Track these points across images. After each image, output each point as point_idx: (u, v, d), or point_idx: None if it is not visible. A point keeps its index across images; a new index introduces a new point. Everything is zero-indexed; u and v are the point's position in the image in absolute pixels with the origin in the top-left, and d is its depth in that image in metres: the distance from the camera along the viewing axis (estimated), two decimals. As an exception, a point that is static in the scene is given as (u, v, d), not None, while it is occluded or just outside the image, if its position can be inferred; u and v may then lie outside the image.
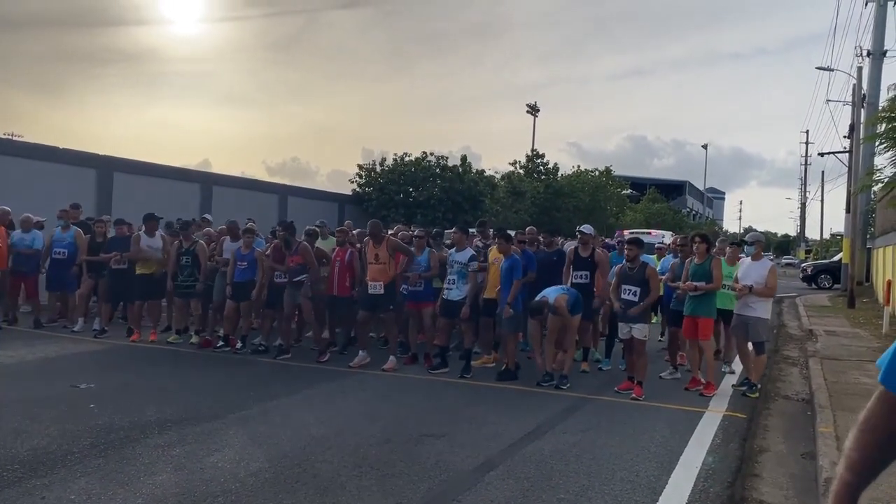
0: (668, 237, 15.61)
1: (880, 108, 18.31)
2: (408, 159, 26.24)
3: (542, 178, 34.49)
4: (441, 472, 4.51)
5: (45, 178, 13.86)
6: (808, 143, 58.60)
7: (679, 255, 8.43)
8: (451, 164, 26.35)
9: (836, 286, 27.25)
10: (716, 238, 10.32)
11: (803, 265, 36.76)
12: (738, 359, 8.44)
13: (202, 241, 9.54)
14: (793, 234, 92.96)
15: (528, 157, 36.36)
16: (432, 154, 26.49)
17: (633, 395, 6.93)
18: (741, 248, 8.96)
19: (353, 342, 9.24)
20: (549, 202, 32.12)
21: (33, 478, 4.16)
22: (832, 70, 31.94)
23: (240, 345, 9.02)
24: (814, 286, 28.92)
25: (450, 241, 9.52)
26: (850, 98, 26.15)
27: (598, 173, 38.80)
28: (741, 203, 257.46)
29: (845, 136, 28.95)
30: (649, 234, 17.08)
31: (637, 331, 7.13)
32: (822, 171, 78.18)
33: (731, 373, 8.39)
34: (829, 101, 54.61)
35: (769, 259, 7.86)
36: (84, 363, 8.05)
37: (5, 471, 4.26)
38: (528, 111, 43.14)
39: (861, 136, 20.07)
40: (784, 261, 64.22)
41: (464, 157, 26.94)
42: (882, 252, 21.63)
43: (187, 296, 9.43)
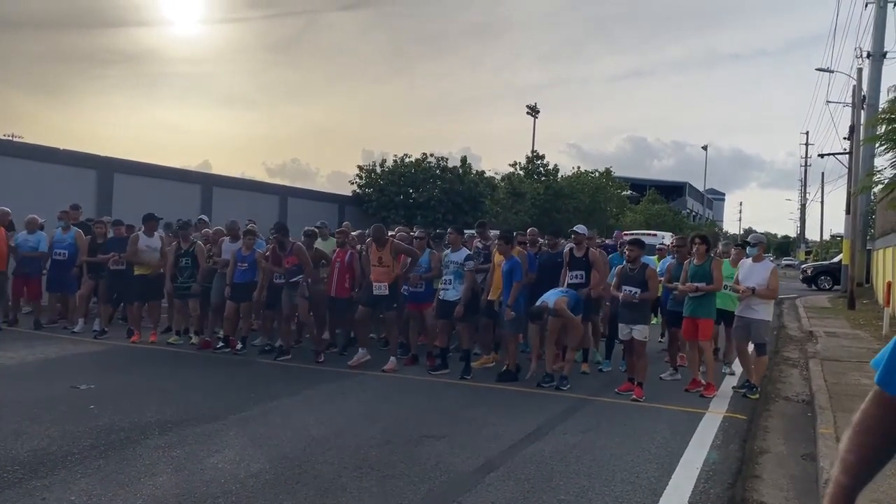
0: (668, 238, 15.62)
1: (880, 109, 18.34)
2: (408, 160, 26.24)
3: (542, 179, 34.41)
4: (441, 474, 4.51)
5: (45, 180, 13.87)
6: (808, 144, 58.70)
7: (676, 256, 8.45)
8: (451, 165, 26.36)
9: (836, 287, 27.28)
10: (715, 239, 10.32)
11: (803, 266, 36.80)
12: (738, 360, 8.45)
13: (200, 243, 9.55)
14: (793, 235, 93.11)
15: (528, 158, 36.31)
16: (432, 155, 26.52)
17: (634, 397, 6.93)
18: (745, 250, 8.97)
19: (352, 343, 9.25)
20: (549, 203, 32.07)
21: (34, 479, 4.16)
22: (832, 71, 32.03)
23: (240, 346, 9.02)
24: (814, 287, 28.93)
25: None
26: (850, 99, 26.20)
27: (598, 174, 38.75)
28: (741, 204, 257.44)
29: (845, 138, 29.00)
30: (653, 235, 17.07)
31: (637, 332, 7.12)
32: (822, 173, 78.18)
33: (732, 374, 8.40)
34: (829, 102, 54.94)
35: (770, 260, 7.86)
36: (84, 364, 8.05)
37: (5, 472, 4.26)
38: (528, 112, 43.09)
39: (861, 137, 20.10)
40: (784, 262, 64.25)
41: (464, 159, 26.96)
42: (882, 253, 21.64)
43: (186, 297, 9.44)
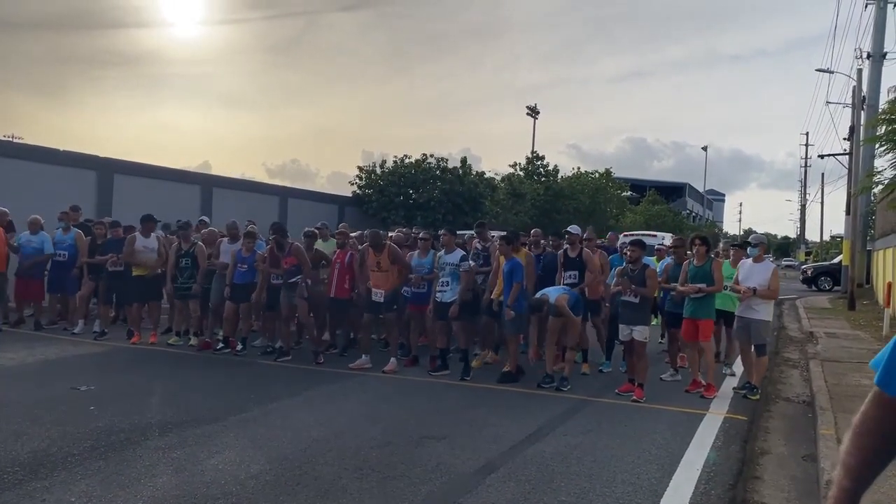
0: (668, 239, 15.63)
1: (880, 110, 18.35)
2: (408, 161, 26.21)
3: (542, 179, 34.41)
4: (442, 475, 4.51)
5: (45, 181, 13.86)
6: (807, 145, 58.61)
7: (673, 257, 8.45)
8: (451, 165, 26.34)
9: (836, 288, 27.28)
10: (715, 240, 10.34)
11: (803, 267, 36.78)
12: (738, 360, 8.45)
13: (201, 244, 9.54)
14: (793, 235, 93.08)
15: (528, 158, 36.30)
16: (432, 156, 26.48)
17: (634, 398, 6.92)
18: (744, 251, 8.97)
19: (353, 344, 9.24)
20: (549, 204, 32.06)
21: (34, 480, 4.16)
22: (832, 72, 32.07)
23: (240, 347, 9.02)
24: (814, 288, 28.92)
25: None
26: (850, 100, 26.21)
27: (598, 175, 38.79)
28: (741, 205, 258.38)
29: (845, 139, 29.03)
30: (653, 235, 17.10)
31: (638, 333, 7.12)
32: (822, 173, 78.39)
33: (732, 375, 8.39)
34: (829, 102, 54.95)
35: (770, 261, 7.87)
36: (84, 365, 8.04)
37: (5, 473, 4.25)
38: (527, 113, 43.09)
39: (861, 138, 20.11)
40: (784, 263, 64.25)
41: (464, 159, 26.94)
42: (882, 254, 21.64)
43: (187, 297, 9.43)
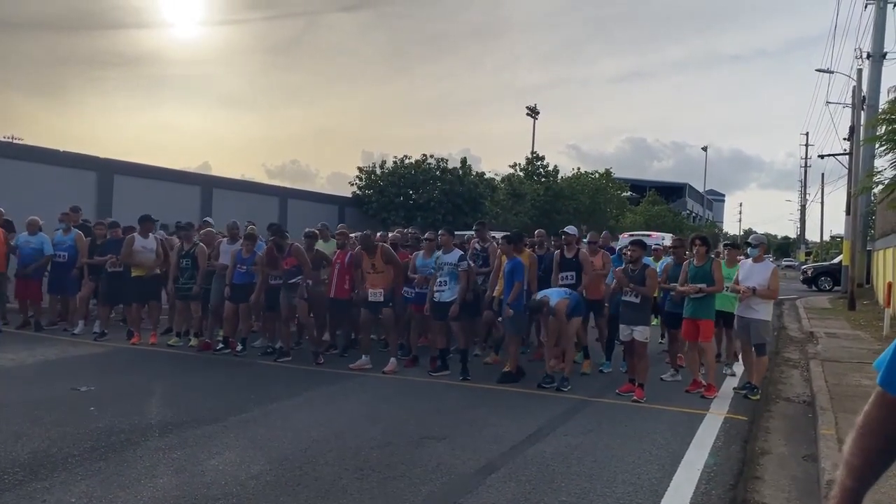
0: (668, 239, 15.64)
1: (880, 110, 18.35)
2: (408, 162, 26.21)
3: (542, 180, 34.44)
4: (442, 475, 4.50)
5: (45, 181, 13.86)
6: (807, 145, 58.56)
7: (673, 257, 8.45)
8: (451, 166, 26.34)
9: (836, 288, 27.28)
10: (715, 240, 10.35)
11: (803, 267, 36.79)
12: (738, 361, 8.45)
13: (202, 244, 9.54)
14: (793, 236, 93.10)
15: (527, 159, 36.33)
16: (432, 156, 26.49)
17: (635, 398, 6.92)
18: (738, 250, 8.99)
19: (353, 345, 9.24)
20: (549, 204, 32.09)
21: (34, 481, 4.16)
22: (832, 72, 32.08)
23: (240, 347, 9.02)
24: (814, 288, 28.93)
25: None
26: (850, 100, 26.22)
27: (597, 175, 38.82)
28: (741, 205, 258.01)
29: (845, 139, 29.04)
30: (650, 235, 17.14)
31: (638, 333, 7.11)
32: (822, 174, 78.31)
33: (732, 375, 8.39)
34: (829, 103, 54.86)
35: (770, 261, 7.87)
36: (84, 366, 8.04)
37: (6, 474, 4.25)
38: (527, 113, 43.11)
39: (861, 138, 20.12)
40: (784, 263, 64.25)
41: (464, 160, 26.94)
42: (882, 254, 21.64)
43: (187, 298, 9.43)
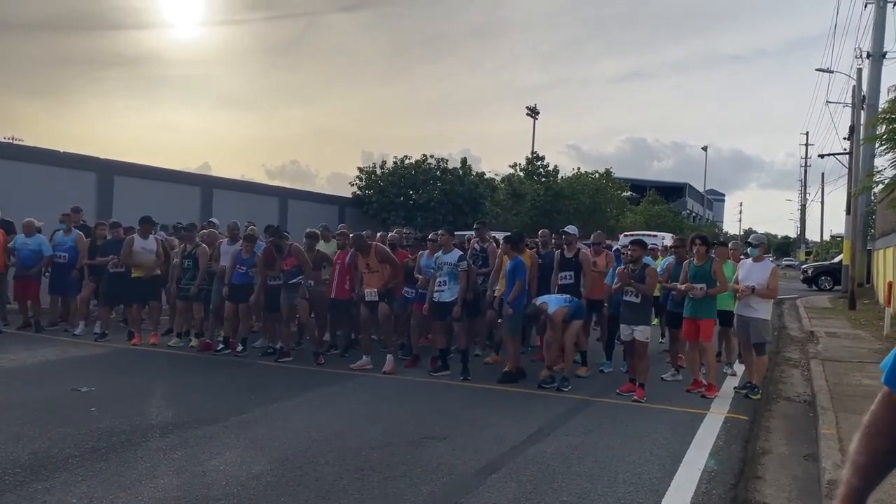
0: (668, 239, 15.67)
1: (880, 109, 18.33)
2: (408, 162, 26.20)
3: (543, 180, 34.46)
4: (443, 475, 4.50)
5: (45, 182, 13.86)
6: (807, 144, 58.58)
7: (674, 257, 8.46)
8: (451, 166, 26.34)
9: (836, 288, 27.28)
10: (715, 240, 10.38)
11: (804, 267, 36.78)
12: (738, 360, 8.45)
13: (204, 245, 9.54)
14: (793, 235, 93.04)
15: (528, 159, 36.34)
16: (432, 156, 26.48)
17: (635, 398, 6.92)
18: (729, 249, 9.09)
19: (353, 345, 9.24)
20: (549, 204, 32.10)
21: (35, 482, 4.16)
22: (832, 72, 32.09)
23: (240, 348, 9.02)
24: (814, 288, 28.93)
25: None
26: (849, 100, 26.23)
27: (598, 175, 38.85)
28: (741, 205, 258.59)
29: (845, 138, 29.03)
30: (654, 235, 17.18)
31: (639, 333, 7.11)
32: (823, 173, 77.94)
33: (733, 374, 8.39)
34: (828, 102, 54.72)
35: (770, 261, 7.86)
36: (85, 367, 8.05)
37: (7, 475, 4.25)
38: (527, 113, 43.12)
39: (861, 137, 20.09)
40: (784, 262, 64.22)
41: (464, 160, 26.94)
42: (882, 253, 21.62)
43: (187, 298, 9.43)
